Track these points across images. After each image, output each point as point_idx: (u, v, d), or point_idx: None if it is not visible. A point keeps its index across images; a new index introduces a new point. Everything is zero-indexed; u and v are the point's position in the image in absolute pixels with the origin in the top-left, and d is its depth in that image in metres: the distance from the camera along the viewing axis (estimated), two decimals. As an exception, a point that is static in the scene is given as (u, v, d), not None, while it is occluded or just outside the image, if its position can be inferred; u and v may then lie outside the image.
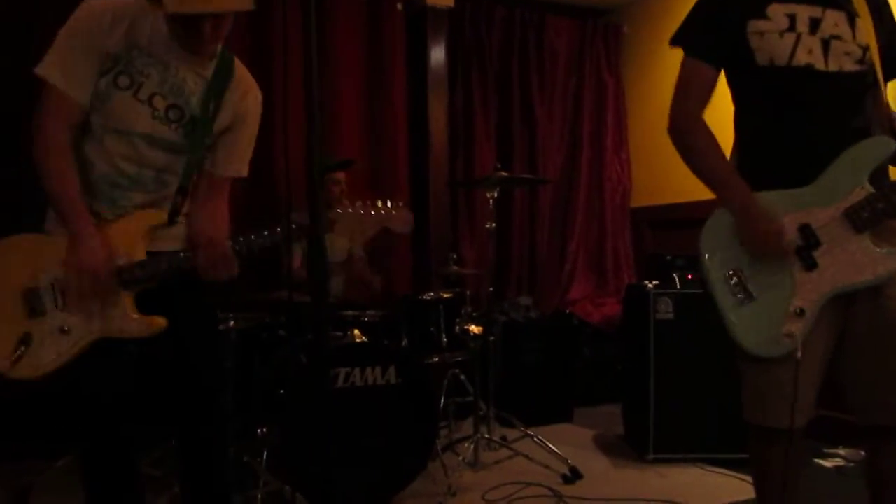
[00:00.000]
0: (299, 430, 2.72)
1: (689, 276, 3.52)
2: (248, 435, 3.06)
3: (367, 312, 3.46)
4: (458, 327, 3.52)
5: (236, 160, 2.04)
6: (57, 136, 1.82)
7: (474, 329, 3.48)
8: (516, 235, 5.10)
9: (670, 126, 1.93)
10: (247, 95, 2.01)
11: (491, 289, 3.53)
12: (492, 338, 3.51)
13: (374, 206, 1.79)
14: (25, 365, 1.82)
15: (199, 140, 1.94)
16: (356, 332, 3.18)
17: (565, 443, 3.68)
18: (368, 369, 2.91)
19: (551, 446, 3.44)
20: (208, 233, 1.92)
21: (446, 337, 3.50)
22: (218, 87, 1.93)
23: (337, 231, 1.79)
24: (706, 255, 1.89)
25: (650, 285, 3.49)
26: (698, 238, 1.93)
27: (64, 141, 1.84)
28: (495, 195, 3.48)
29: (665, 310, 3.45)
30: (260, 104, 2.07)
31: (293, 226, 1.78)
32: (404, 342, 3.47)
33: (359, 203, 1.80)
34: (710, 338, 1.90)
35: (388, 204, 1.80)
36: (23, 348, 1.82)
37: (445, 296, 3.57)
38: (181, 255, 1.92)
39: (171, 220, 1.96)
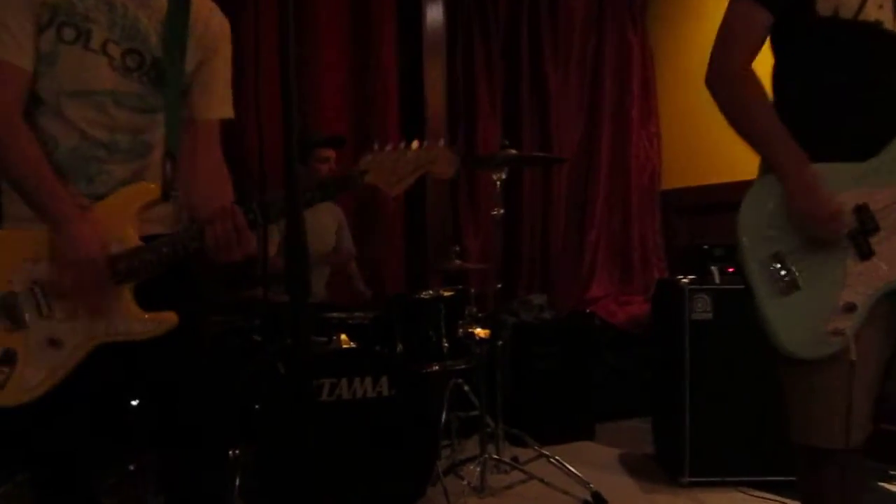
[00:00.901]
0: (277, 452, 2.72)
1: (730, 269, 3.50)
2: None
3: (356, 314, 3.47)
4: (460, 330, 3.54)
5: (217, 98, 1.99)
6: (7, 109, 1.76)
7: (480, 332, 3.50)
8: (527, 224, 5.11)
9: (710, 75, 1.90)
10: (210, 21, 1.97)
11: (499, 286, 3.53)
12: (500, 342, 3.50)
13: (410, 149, 1.77)
14: (11, 389, 1.76)
15: (173, 89, 1.89)
16: (343, 336, 3.19)
17: (586, 463, 3.67)
18: (357, 380, 2.92)
19: (570, 468, 3.44)
20: (214, 201, 1.85)
21: (447, 342, 3.51)
22: (175, 19, 1.89)
23: (372, 179, 1.78)
24: (745, 235, 1.86)
25: (684, 280, 3.48)
26: (737, 215, 1.88)
27: (17, 114, 1.78)
28: (502, 177, 3.48)
29: (702, 309, 3.44)
30: (228, 27, 2.03)
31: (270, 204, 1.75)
32: (399, 348, 3.47)
33: (389, 147, 1.77)
34: (755, 341, 1.84)
35: (425, 144, 1.79)
36: (5, 370, 1.75)
37: (446, 294, 3.58)
38: (184, 234, 1.82)
39: (166, 195, 1.89)
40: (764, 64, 1.97)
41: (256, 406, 2.86)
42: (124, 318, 1.80)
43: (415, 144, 1.78)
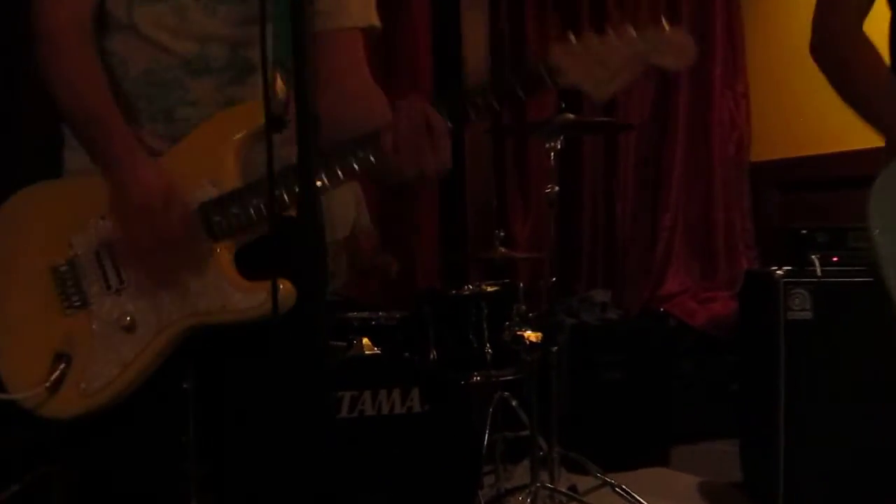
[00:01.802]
0: (290, 478, 2.77)
1: (835, 259, 3.49)
2: (211, 486, 3.06)
3: (381, 314, 3.49)
4: (507, 334, 3.52)
5: (355, 2, 1.85)
6: (66, 23, 1.68)
7: (530, 336, 3.48)
8: (587, 204, 5.10)
9: (814, 41, 1.88)
10: None
11: (553, 280, 3.53)
12: (555, 348, 3.51)
13: (624, 34, 1.53)
14: (68, 393, 1.62)
15: None
16: (365, 340, 3.20)
17: (659, 494, 3.67)
18: (383, 393, 2.94)
19: (640, 499, 3.44)
20: (375, 100, 1.76)
21: (491, 347, 3.52)
22: None
23: (571, 77, 1.54)
24: (877, 228, 1.81)
25: (779, 272, 3.47)
26: (866, 203, 1.83)
27: (78, 28, 1.69)
28: (558, 147, 3.47)
29: (800, 306, 3.44)
30: None
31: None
32: (432, 355, 3.50)
33: (591, 35, 1.54)
34: (867, 346, 1.87)
35: (645, 27, 1.54)
36: (62, 366, 1.61)
37: (489, 290, 3.60)
38: (335, 149, 1.59)
39: (278, 122, 1.63)
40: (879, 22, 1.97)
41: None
42: (221, 290, 1.62)
43: (630, 30, 1.54)
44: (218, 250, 1.63)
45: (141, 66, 1.71)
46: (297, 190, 1.51)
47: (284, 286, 1.54)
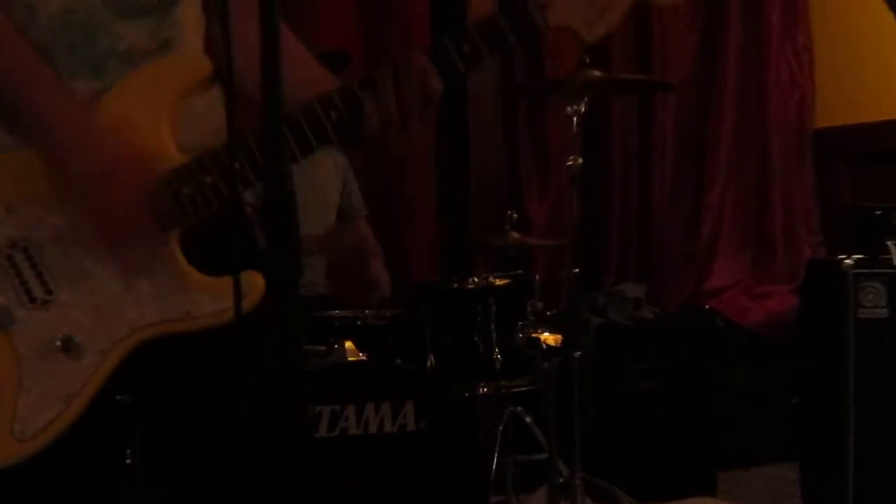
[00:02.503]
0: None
1: (918, 245, 3.58)
2: None
3: (367, 312, 3.51)
4: (520, 336, 3.51)
5: None
6: None
7: (548, 339, 3.47)
8: (618, 180, 5.11)
9: None
10: None
11: (576, 271, 3.50)
12: (578, 353, 3.48)
13: None
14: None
15: None
16: (349, 344, 3.20)
17: (704, 529, 3.77)
18: (371, 407, 2.94)
19: (680, 535, 3.50)
20: (311, 83, 1.71)
21: (500, 353, 3.49)
22: None
23: (558, 16, 1.64)
24: None
25: (848, 261, 3.48)
26: None
27: None
28: (581, 110, 3.43)
29: (873, 302, 3.47)
30: None
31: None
32: (430, 362, 3.48)
33: None
34: None
35: None
36: None
37: (499, 283, 3.58)
38: (317, 103, 1.61)
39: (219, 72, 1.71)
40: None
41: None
42: (181, 293, 1.61)
43: None
44: (170, 242, 1.61)
45: (53, 7, 1.64)
46: (261, 161, 1.51)
47: (252, 280, 1.53)
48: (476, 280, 3.61)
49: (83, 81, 1.65)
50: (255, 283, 1.53)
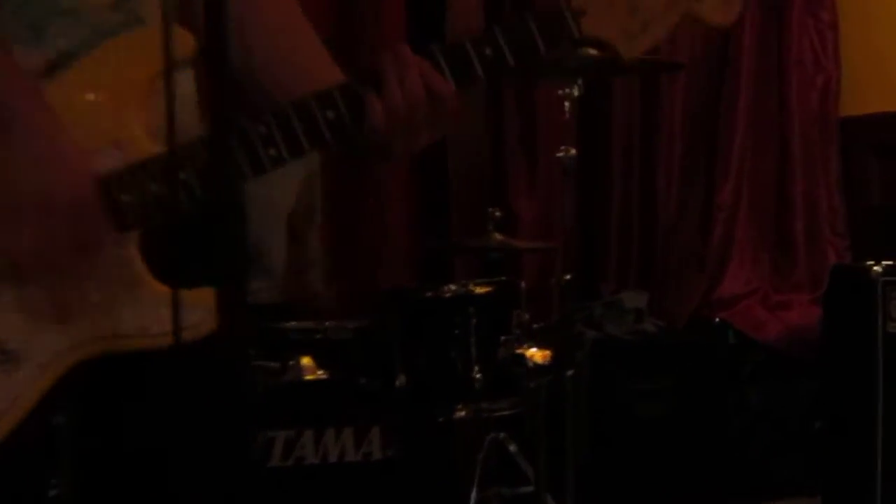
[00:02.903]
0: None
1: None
2: None
3: (328, 323, 3.49)
4: (503, 351, 3.48)
5: None
6: None
7: (536, 355, 3.44)
8: (617, 173, 5.05)
9: None
10: None
11: (568, 277, 3.49)
12: (570, 372, 3.47)
13: None
14: None
15: None
16: (307, 360, 3.19)
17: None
18: (330, 433, 2.93)
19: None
20: (314, 72, 1.74)
21: (481, 371, 3.45)
22: None
23: (597, 25, 1.66)
24: None
25: (877, 268, 3.52)
26: None
27: None
28: (576, 94, 3.44)
29: (907, 315, 3.55)
30: None
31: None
32: (399, 380, 3.42)
33: None
34: None
35: None
36: None
37: (480, 291, 3.57)
38: (306, 101, 1.61)
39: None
40: None
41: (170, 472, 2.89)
42: (138, 304, 1.58)
43: None
44: (127, 245, 1.57)
45: None
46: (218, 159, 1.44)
47: (206, 294, 1.45)
48: (453, 287, 3.60)
49: (20, 49, 1.60)
50: (204, 299, 1.44)
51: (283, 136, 1.55)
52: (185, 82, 1.63)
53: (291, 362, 3.16)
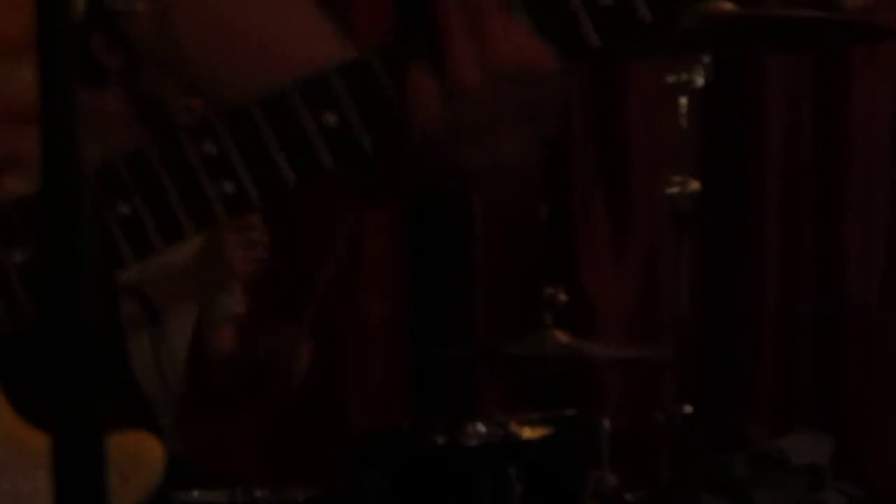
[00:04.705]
0: None
1: None
2: None
3: (259, 494, 3.71)
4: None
5: None
6: None
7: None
8: (771, 221, 4.96)
9: None
10: None
11: (688, 409, 3.55)
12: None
13: None
14: None
15: None
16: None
17: None
18: None
19: None
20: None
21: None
22: None
23: None
24: None
25: None
26: None
27: None
28: (699, 83, 3.61)
29: None
30: None
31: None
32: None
33: None
34: None
35: None
36: None
37: (528, 434, 3.69)
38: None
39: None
40: None
41: None
42: None
43: None
44: None
45: None
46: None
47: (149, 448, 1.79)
48: (482, 429, 3.64)
49: None
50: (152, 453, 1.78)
51: (252, 171, 1.72)
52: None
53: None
